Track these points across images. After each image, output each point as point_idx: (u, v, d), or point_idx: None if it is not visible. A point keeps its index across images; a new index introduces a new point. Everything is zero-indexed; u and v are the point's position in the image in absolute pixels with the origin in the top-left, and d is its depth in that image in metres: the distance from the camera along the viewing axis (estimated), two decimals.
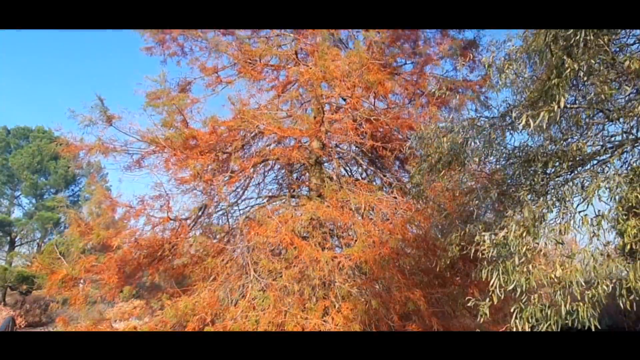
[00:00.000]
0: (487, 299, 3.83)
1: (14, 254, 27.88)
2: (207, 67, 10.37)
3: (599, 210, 4.03)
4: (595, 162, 4.61)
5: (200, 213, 9.08)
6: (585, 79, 4.32)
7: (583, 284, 3.54)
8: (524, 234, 3.78)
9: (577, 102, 4.85)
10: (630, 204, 3.72)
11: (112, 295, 7.47)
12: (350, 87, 8.64)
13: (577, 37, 3.66)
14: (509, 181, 5.33)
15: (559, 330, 3.67)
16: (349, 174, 10.72)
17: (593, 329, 3.63)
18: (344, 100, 9.62)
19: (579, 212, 3.88)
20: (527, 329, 3.69)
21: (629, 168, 4.38)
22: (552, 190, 4.18)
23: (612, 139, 4.64)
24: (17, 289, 25.44)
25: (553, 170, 4.68)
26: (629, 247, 3.60)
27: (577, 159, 4.57)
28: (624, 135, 4.46)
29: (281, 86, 10.51)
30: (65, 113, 7.68)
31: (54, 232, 27.90)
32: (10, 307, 23.08)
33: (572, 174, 4.52)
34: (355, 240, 7.93)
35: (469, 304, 4.05)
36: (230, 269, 7.96)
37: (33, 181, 28.61)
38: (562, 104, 3.68)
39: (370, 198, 8.50)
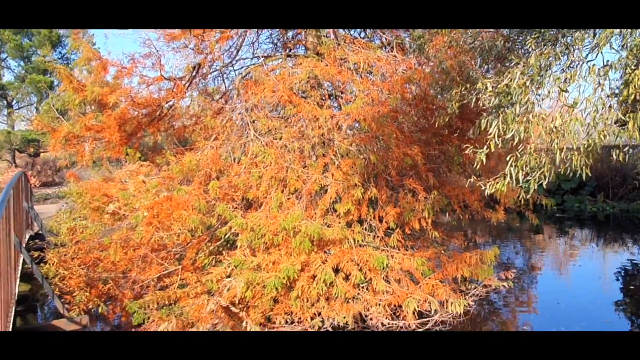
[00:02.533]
0: (485, 147, 3.90)
1: (14, 115, 27.96)
2: None
3: (607, 61, 3.88)
4: None
5: (194, 73, 8.79)
6: None
7: (581, 131, 3.57)
8: (527, 83, 3.68)
9: None
10: None
11: (116, 153, 7.63)
12: None
13: None
14: (515, 35, 5.03)
15: (550, 178, 3.82)
16: (347, 32, 10.10)
17: (584, 177, 3.78)
18: None
19: (587, 61, 3.73)
20: (521, 177, 3.83)
21: None
22: (562, 39, 3.95)
23: None
24: (24, 152, 26.16)
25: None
26: (632, 97, 3.55)
27: None
28: None
29: None
30: None
31: (49, 95, 27.62)
32: (21, 169, 23.98)
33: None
34: (354, 100, 7.84)
35: (466, 152, 4.13)
36: (230, 129, 8.01)
37: (17, 42, 27.33)
38: None
39: (369, 56, 8.15)
